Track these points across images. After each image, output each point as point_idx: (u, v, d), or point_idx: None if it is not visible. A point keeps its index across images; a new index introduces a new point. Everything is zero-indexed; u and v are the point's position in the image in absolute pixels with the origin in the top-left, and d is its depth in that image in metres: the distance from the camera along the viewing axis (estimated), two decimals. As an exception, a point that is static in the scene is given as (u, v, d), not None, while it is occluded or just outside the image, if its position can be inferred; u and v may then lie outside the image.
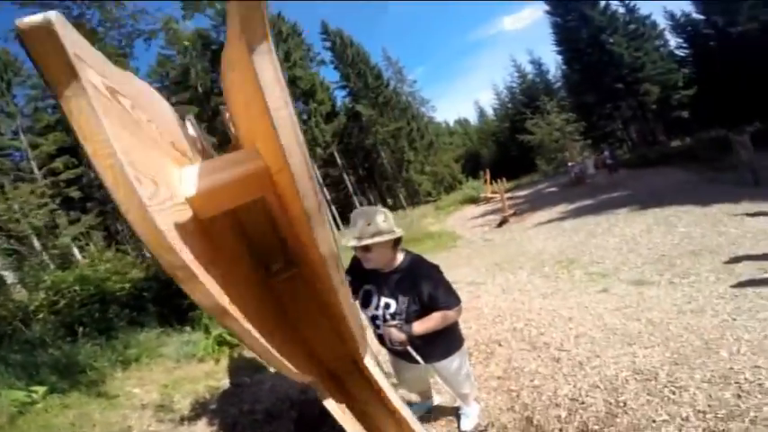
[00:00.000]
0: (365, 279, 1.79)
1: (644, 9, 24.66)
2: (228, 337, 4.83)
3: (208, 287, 0.72)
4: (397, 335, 1.64)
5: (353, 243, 1.62)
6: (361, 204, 31.44)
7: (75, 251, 14.00)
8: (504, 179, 16.33)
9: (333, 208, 28.92)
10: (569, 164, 16.78)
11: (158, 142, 0.96)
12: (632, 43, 23.30)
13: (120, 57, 3.72)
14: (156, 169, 0.77)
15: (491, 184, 17.88)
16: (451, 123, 56.71)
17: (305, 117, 28.16)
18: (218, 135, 26.03)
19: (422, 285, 1.68)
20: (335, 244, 0.85)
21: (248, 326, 0.85)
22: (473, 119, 55.64)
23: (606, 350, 2.71)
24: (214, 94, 26.97)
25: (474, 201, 19.48)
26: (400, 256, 1.76)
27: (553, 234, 8.02)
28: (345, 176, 31.26)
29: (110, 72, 0.76)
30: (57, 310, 6.56)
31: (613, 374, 2.40)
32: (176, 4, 3.38)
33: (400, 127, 31.01)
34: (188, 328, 6.10)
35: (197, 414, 3.52)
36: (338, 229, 27.12)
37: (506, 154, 35.43)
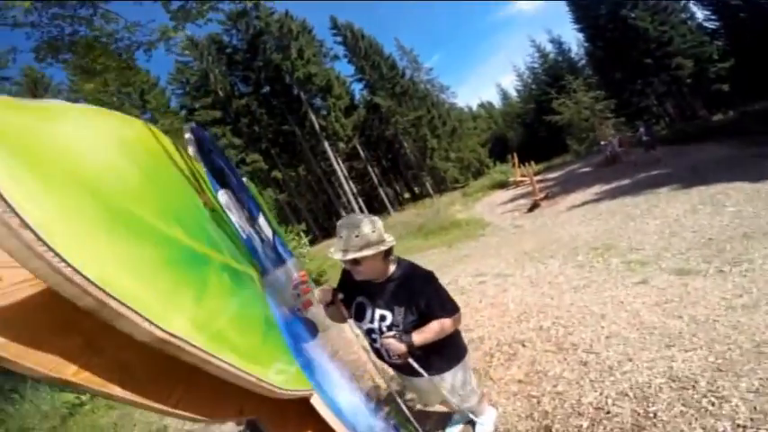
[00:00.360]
0: (357, 291, 1.69)
1: None
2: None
3: (29, 364, 0.67)
4: (397, 346, 1.56)
5: (339, 256, 1.52)
6: (387, 195, 31.45)
7: None
8: (533, 161, 15.76)
9: (359, 200, 29.10)
10: (602, 142, 15.87)
11: None
12: (656, 17, 22.09)
13: (125, 69, 3.79)
14: None
15: (520, 167, 17.25)
16: (474, 108, 55.39)
17: (324, 113, 28.31)
18: (243, 136, 26.80)
19: (417, 295, 1.60)
20: (161, 326, 0.71)
21: (114, 389, 0.76)
22: (497, 102, 54.11)
23: (640, 353, 2.47)
24: (235, 96, 27.60)
25: (503, 185, 18.94)
26: (392, 266, 1.66)
27: (588, 218, 7.57)
28: (369, 168, 31.30)
29: None
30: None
31: (646, 381, 2.17)
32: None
33: (420, 115, 30.60)
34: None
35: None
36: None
37: (534, 135, 34.18)
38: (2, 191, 0.54)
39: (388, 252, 1.60)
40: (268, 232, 2.35)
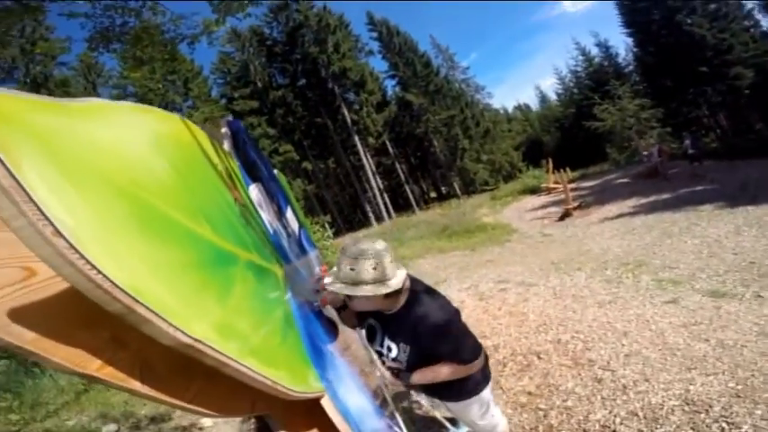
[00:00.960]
0: (369, 312, 1.51)
1: None
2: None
3: (57, 360, 0.68)
4: (392, 380, 1.49)
5: (328, 285, 1.38)
6: (413, 193, 31.38)
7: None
8: (568, 168, 15.19)
9: (385, 196, 29.22)
10: (644, 152, 15.06)
11: None
12: (715, 24, 20.54)
13: (170, 59, 4.02)
14: (1, 257, 0.73)
15: (554, 173, 16.71)
16: (510, 109, 54.02)
17: (357, 107, 28.57)
18: (278, 127, 27.52)
19: (426, 337, 1.41)
20: (185, 331, 0.72)
21: (135, 384, 0.78)
22: (534, 104, 52.49)
23: (659, 374, 2.40)
24: (272, 88, 28.30)
25: (534, 191, 18.42)
26: (401, 301, 1.43)
27: (621, 231, 7.29)
28: (397, 165, 31.32)
29: None
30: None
31: (659, 402, 2.12)
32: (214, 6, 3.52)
33: (453, 115, 30.25)
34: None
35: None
36: (389, 217, 27.45)
37: (572, 141, 32.83)
38: (36, 199, 0.54)
39: (392, 292, 1.35)
40: (294, 226, 2.41)
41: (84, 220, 0.63)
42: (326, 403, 1.26)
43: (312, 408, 1.38)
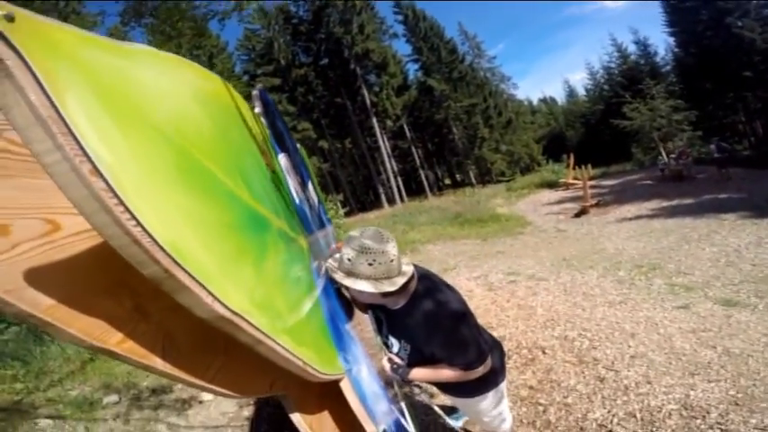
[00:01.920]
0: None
1: None
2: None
3: (74, 332, 0.61)
4: (388, 372, 1.44)
5: (328, 267, 1.34)
6: (427, 178, 31.18)
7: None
8: (589, 165, 14.80)
9: (399, 179, 29.16)
10: (662, 161, 14.59)
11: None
12: (767, 28, 19.29)
13: (198, 35, 4.08)
14: (25, 206, 0.66)
15: (574, 169, 16.35)
16: (535, 102, 52.68)
17: (377, 89, 28.26)
18: (298, 104, 27.48)
19: (426, 339, 1.35)
20: (225, 303, 0.65)
21: (155, 361, 0.71)
22: (560, 98, 50.98)
23: (662, 377, 2.42)
24: (295, 66, 28.15)
25: (552, 185, 18.12)
26: (404, 299, 1.36)
27: (638, 233, 7.15)
28: (414, 149, 31.08)
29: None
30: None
31: (658, 406, 2.16)
32: None
33: (475, 103, 29.70)
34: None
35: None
36: (402, 201, 27.43)
37: (596, 138, 31.94)
38: (76, 132, 0.48)
39: (389, 293, 1.25)
40: (314, 199, 2.45)
41: (126, 163, 0.55)
42: (345, 385, 1.21)
43: (325, 390, 1.37)
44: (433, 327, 1.32)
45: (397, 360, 1.45)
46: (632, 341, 2.98)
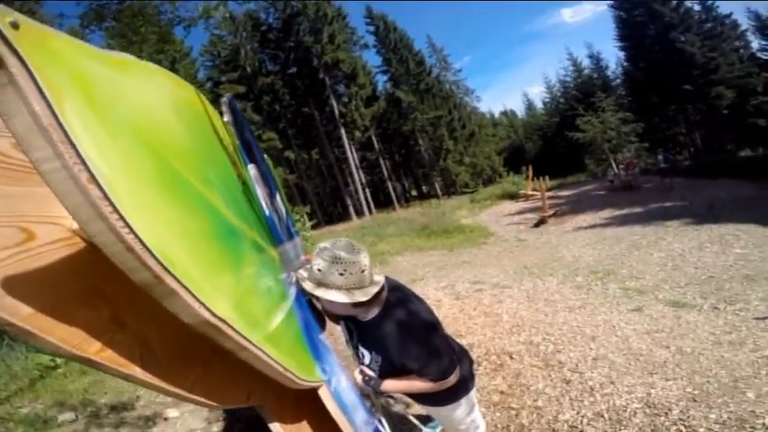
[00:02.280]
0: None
1: (723, 8, 22.25)
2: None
3: (53, 340, 0.62)
4: (360, 384, 1.44)
5: (298, 277, 1.33)
6: (395, 190, 31.47)
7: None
8: (547, 177, 15.53)
9: (367, 191, 29.19)
10: (611, 173, 15.66)
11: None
12: (707, 43, 21.28)
13: (163, 41, 3.90)
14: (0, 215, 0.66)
15: (533, 180, 17.10)
16: (497, 114, 54.94)
17: (346, 100, 28.33)
18: (263, 113, 26.94)
19: (396, 351, 1.34)
20: (211, 309, 0.67)
21: (135, 370, 0.72)
22: (520, 111, 53.54)
23: (623, 377, 2.54)
24: (262, 74, 27.68)
25: (513, 196, 18.81)
26: (375, 310, 1.37)
27: (593, 241, 7.56)
28: (381, 161, 31.32)
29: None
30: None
31: (623, 405, 2.25)
32: None
33: (440, 115, 30.49)
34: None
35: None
36: (370, 213, 27.44)
37: (553, 150, 33.76)
38: (75, 141, 0.49)
39: (360, 303, 1.26)
40: (282, 210, 2.39)
41: (118, 172, 0.57)
42: (324, 394, 1.22)
43: (301, 399, 1.37)
44: (405, 337, 1.33)
45: (368, 372, 1.43)
46: (593, 344, 3.11)
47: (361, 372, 1.44)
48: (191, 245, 0.73)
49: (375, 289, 1.28)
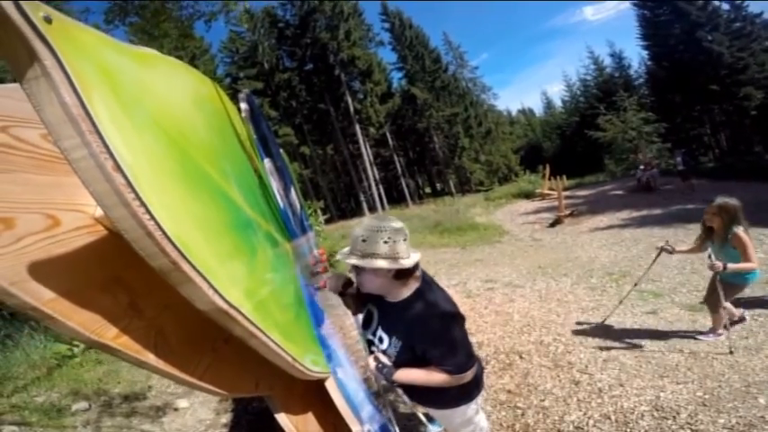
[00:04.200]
0: (371, 296, 1.44)
1: (754, 7, 21.20)
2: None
3: (73, 325, 0.64)
4: (374, 372, 1.41)
5: (340, 257, 1.35)
6: (408, 187, 31.41)
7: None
8: (564, 176, 15.21)
9: (380, 187, 29.22)
10: (640, 167, 15.18)
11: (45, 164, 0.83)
12: (735, 42, 20.29)
13: (184, 36, 3.99)
14: (29, 201, 0.69)
15: (550, 179, 16.80)
16: (514, 113, 54.12)
17: (361, 96, 28.36)
18: (280, 109, 27.22)
19: (420, 336, 1.34)
20: (224, 296, 0.69)
21: (149, 357, 0.74)
22: (538, 109, 52.61)
23: (633, 380, 2.51)
24: (279, 70, 27.96)
25: (528, 196, 18.54)
26: (407, 291, 1.38)
27: (610, 242, 7.42)
28: (395, 157, 31.27)
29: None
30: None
31: (630, 407, 2.23)
32: None
33: (456, 113, 30.19)
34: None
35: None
36: (383, 209, 27.48)
37: (571, 150, 33.00)
38: (102, 131, 0.51)
39: (403, 273, 1.31)
40: (297, 204, 2.43)
41: (141, 161, 0.59)
42: (330, 385, 1.24)
43: (308, 391, 1.40)
44: (432, 321, 1.32)
45: (383, 359, 1.40)
46: (604, 345, 3.08)
47: (376, 358, 1.41)
48: (208, 234, 0.75)
49: (416, 257, 1.32)
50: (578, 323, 3.70)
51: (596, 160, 26.69)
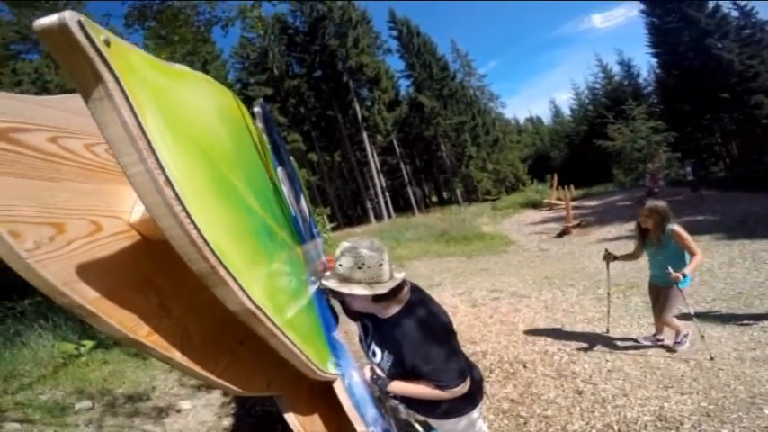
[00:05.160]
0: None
1: (764, 13, 21.04)
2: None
3: (113, 322, 0.69)
4: (368, 382, 1.44)
5: (323, 280, 1.35)
6: (415, 195, 31.43)
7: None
8: (572, 186, 15.14)
9: (387, 195, 29.31)
10: (647, 176, 15.02)
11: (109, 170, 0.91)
12: (745, 50, 20.10)
13: (200, 41, 4.11)
14: (64, 210, 0.73)
15: (557, 189, 16.73)
16: (522, 121, 54.02)
17: (368, 104, 28.60)
18: (289, 115, 27.53)
19: (410, 353, 1.34)
20: (251, 297, 0.75)
21: (175, 354, 0.80)
22: (546, 118, 52.47)
23: (637, 390, 2.51)
24: (288, 77, 28.34)
25: (536, 205, 18.46)
26: (396, 307, 1.39)
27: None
28: (402, 165, 31.37)
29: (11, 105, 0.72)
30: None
31: (633, 417, 2.24)
32: None
33: (464, 121, 30.27)
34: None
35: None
36: (389, 216, 27.53)
37: (579, 159, 32.77)
38: (156, 148, 0.56)
39: (381, 297, 1.30)
40: (306, 211, 2.50)
41: (183, 174, 0.64)
42: (338, 387, 1.28)
43: (313, 393, 1.45)
44: (422, 337, 1.34)
45: (377, 371, 1.44)
46: (609, 356, 3.07)
47: (371, 369, 1.44)
48: (235, 240, 0.82)
49: (394, 283, 1.31)
50: (583, 333, 3.69)
51: (605, 170, 26.46)
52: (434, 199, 37.96)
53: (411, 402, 1.50)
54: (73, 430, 2.93)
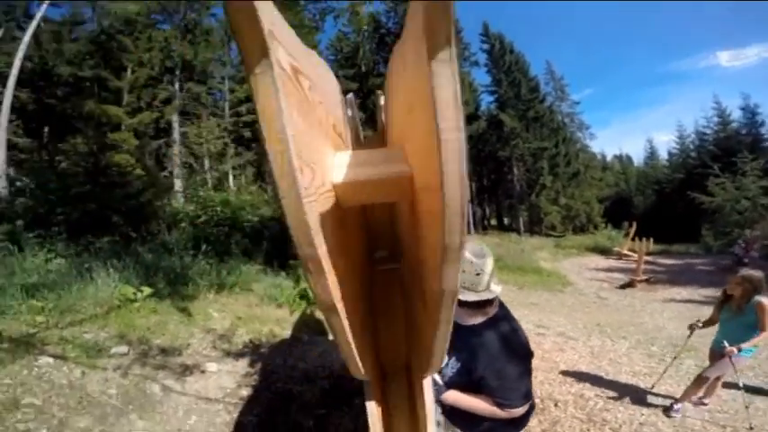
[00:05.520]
0: None
1: None
2: (310, 294, 4.65)
3: (328, 283, 0.69)
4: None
5: (473, 298, 1.30)
6: (474, 214, 30.70)
7: (231, 179, 16.44)
8: (651, 239, 13.98)
9: (448, 209, 29.08)
10: (740, 243, 12.93)
11: (323, 125, 0.95)
12: None
13: (313, 29, 4.43)
14: (316, 155, 0.76)
15: (633, 239, 15.41)
16: (609, 157, 50.07)
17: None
18: (368, 112, 28.61)
19: (483, 364, 1.32)
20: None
21: (346, 324, 0.82)
22: (638, 158, 48.03)
23: (664, 447, 2.57)
24: (373, 75, 29.39)
25: (604, 252, 17.33)
26: (481, 317, 1.39)
27: (683, 315, 6.85)
28: (469, 182, 30.86)
29: (297, 50, 0.75)
30: (196, 223, 7.46)
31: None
32: None
33: (545, 147, 28.87)
34: (283, 274, 6.67)
35: (246, 353, 3.79)
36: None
37: (666, 210, 29.29)
38: (462, 119, 0.56)
39: (472, 304, 1.31)
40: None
41: None
42: (427, 384, 1.25)
43: (399, 388, 1.48)
44: (500, 351, 1.33)
45: (437, 378, 1.40)
46: (646, 410, 3.12)
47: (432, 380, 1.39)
48: None
49: (487, 296, 1.31)
50: (626, 385, 3.69)
51: (693, 228, 23.42)
52: (494, 222, 36.80)
53: (453, 415, 1.48)
54: (100, 373, 2.94)
